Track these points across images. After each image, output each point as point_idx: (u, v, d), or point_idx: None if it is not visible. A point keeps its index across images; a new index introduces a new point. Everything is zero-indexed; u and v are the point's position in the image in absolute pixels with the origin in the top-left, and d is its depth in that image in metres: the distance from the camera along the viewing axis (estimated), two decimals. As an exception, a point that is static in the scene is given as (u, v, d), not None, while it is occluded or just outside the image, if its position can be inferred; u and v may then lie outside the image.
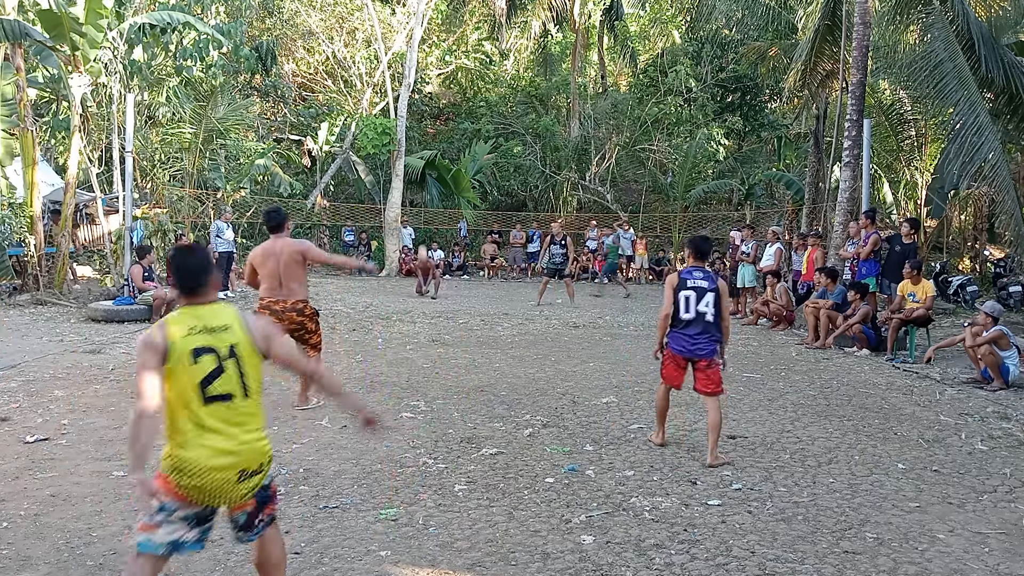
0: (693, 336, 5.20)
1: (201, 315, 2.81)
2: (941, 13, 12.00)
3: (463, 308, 13.55)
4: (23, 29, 12.19)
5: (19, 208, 12.83)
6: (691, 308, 5.19)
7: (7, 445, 5.15)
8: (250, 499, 2.84)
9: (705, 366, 5.22)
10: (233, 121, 18.08)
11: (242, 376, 2.80)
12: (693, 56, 25.67)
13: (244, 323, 2.87)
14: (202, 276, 2.86)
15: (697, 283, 5.23)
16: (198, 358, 2.72)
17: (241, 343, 2.82)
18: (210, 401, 2.73)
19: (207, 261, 2.93)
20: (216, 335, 2.78)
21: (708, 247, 5.60)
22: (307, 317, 6.19)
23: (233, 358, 2.79)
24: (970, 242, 19.91)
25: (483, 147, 24.94)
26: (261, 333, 2.91)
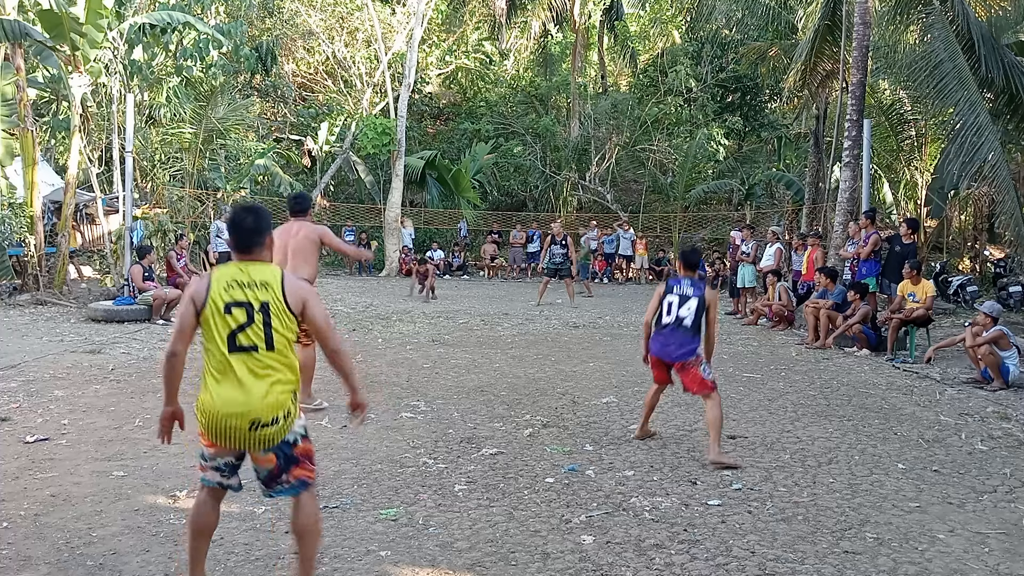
0: (666, 338, 5.34)
1: (245, 271, 2.98)
2: (941, 13, 12.00)
3: (463, 308, 13.55)
4: (23, 29, 12.19)
5: (19, 208, 12.82)
6: (672, 312, 5.34)
7: (7, 445, 5.15)
8: (269, 455, 2.95)
9: (680, 368, 5.33)
10: (233, 121, 18.09)
11: (268, 329, 2.92)
12: (693, 56, 25.68)
13: (282, 283, 2.98)
14: (256, 236, 3.02)
15: (683, 290, 5.38)
16: (230, 311, 2.91)
17: (273, 301, 2.94)
18: (235, 351, 2.90)
19: (264, 224, 3.06)
20: (252, 290, 2.93)
21: (697, 258, 5.74)
22: None
23: (263, 312, 2.92)
24: (970, 242, 19.90)
25: (483, 147, 24.96)
26: (297, 296, 2.99)
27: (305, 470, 3.06)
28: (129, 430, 5.56)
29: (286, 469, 3.00)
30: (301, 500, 3.06)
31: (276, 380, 2.93)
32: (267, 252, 3.07)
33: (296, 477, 3.02)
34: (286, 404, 2.95)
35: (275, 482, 3.02)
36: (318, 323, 3.05)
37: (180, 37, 16.14)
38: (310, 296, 3.04)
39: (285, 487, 3.03)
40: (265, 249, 3.05)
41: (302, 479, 3.04)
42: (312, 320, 3.03)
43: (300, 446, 3.04)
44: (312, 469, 3.11)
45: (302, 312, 3.00)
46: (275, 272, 3.02)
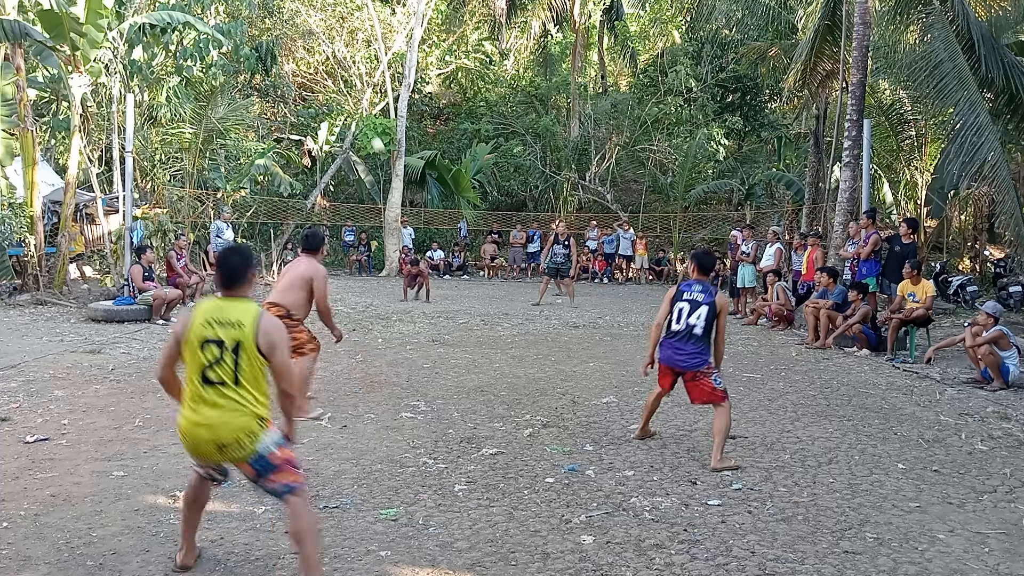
0: (676, 347, 5.21)
1: (224, 309, 3.26)
2: (941, 13, 12.00)
3: (463, 308, 13.55)
4: (23, 29, 12.19)
5: (19, 208, 12.82)
6: (682, 320, 5.20)
7: (7, 445, 5.15)
8: (245, 465, 3.23)
9: (690, 378, 5.21)
10: (233, 121, 18.08)
11: (236, 368, 3.19)
12: (693, 56, 25.67)
13: (256, 325, 3.22)
14: (239, 275, 3.33)
15: (694, 295, 5.24)
16: (204, 347, 3.19)
17: (246, 342, 3.20)
18: (206, 384, 3.19)
19: (247, 265, 3.37)
20: (227, 329, 3.20)
21: (712, 262, 5.61)
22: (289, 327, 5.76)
23: (234, 352, 3.19)
24: (970, 242, 19.90)
25: (483, 147, 24.96)
26: (267, 338, 3.23)
27: (288, 475, 3.25)
28: (129, 430, 5.57)
29: (264, 475, 3.24)
30: (291, 504, 3.24)
31: (241, 410, 3.19)
32: (248, 288, 3.36)
33: (279, 481, 3.24)
34: (249, 428, 3.19)
35: (259, 484, 3.29)
36: (278, 367, 3.29)
37: (180, 37, 16.13)
38: (279, 341, 3.27)
39: (270, 490, 3.28)
40: (247, 286, 3.35)
41: (286, 484, 3.24)
42: (275, 364, 3.27)
43: (276, 454, 3.24)
44: (296, 473, 3.29)
45: (269, 354, 3.24)
46: (252, 312, 3.26)
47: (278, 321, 3.37)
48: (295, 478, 3.27)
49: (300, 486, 3.28)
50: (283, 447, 3.29)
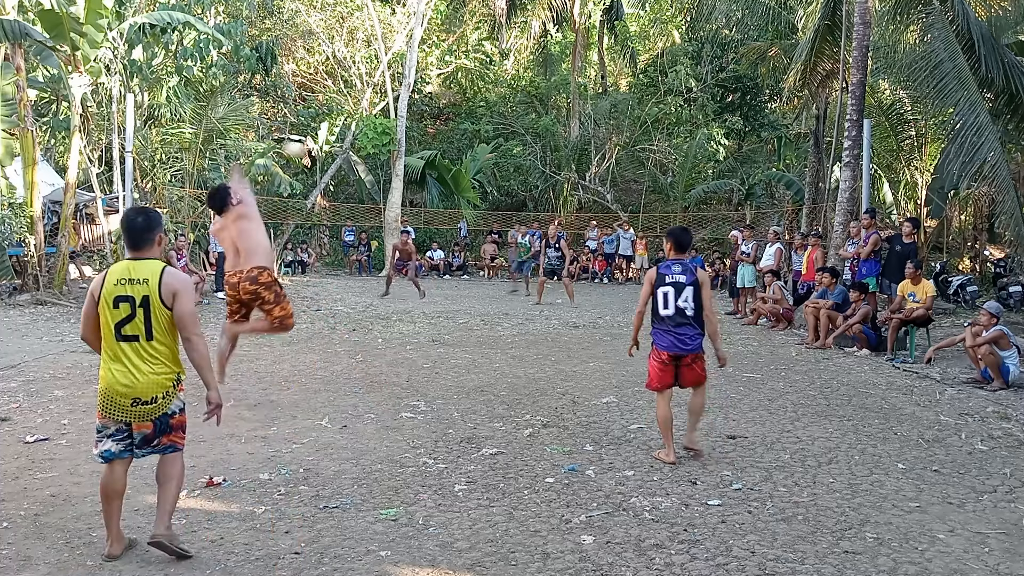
0: (677, 332, 5.10)
1: (132, 268, 3.48)
2: (941, 13, 12.00)
3: (463, 308, 13.55)
4: (23, 29, 12.18)
5: (19, 208, 12.82)
6: (670, 304, 5.11)
7: (7, 445, 5.15)
8: (147, 422, 3.48)
9: (689, 361, 5.13)
10: (233, 121, 18.06)
11: (148, 322, 3.43)
12: (693, 56, 25.67)
13: (160, 279, 3.45)
14: (145, 234, 3.54)
15: (675, 278, 5.15)
16: (118, 305, 3.43)
17: (152, 295, 3.44)
18: (121, 339, 3.44)
19: (153, 224, 3.57)
20: (134, 286, 3.44)
21: (689, 239, 5.50)
22: (261, 285, 5.88)
23: (143, 307, 3.43)
24: (970, 242, 19.90)
25: (484, 148, 24.97)
26: (169, 290, 3.46)
27: (176, 438, 3.60)
28: (129, 430, 5.56)
29: (159, 435, 3.53)
30: (168, 457, 3.58)
31: (157, 366, 3.46)
32: (156, 249, 3.57)
33: (168, 442, 3.56)
34: (165, 386, 3.49)
35: (147, 445, 3.53)
36: (179, 316, 3.49)
37: (180, 37, 16.12)
38: (181, 291, 3.49)
39: (155, 449, 3.55)
40: (153, 247, 3.56)
41: (172, 444, 3.58)
42: (177, 312, 3.48)
43: (177, 417, 3.58)
44: (182, 438, 3.64)
45: (171, 304, 3.46)
46: (156, 268, 3.49)
47: (182, 274, 3.58)
48: (180, 441, 3.61)
49: (181, 448, 3.63)
50: (182, 413, 3.62)
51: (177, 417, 3.57)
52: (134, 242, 3.54)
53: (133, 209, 3.67)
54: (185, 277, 3.58)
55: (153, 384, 3.45)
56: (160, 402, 3.48)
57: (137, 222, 3.55)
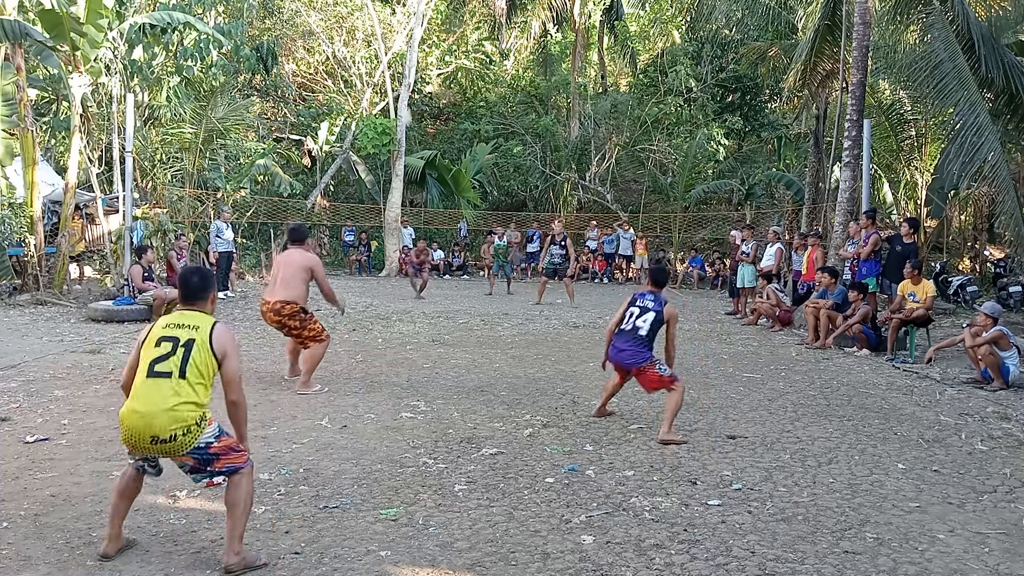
0: (621, 345, 5.79)
1: (184, 316, 3.57)
2: (941, 13, 12.00)
3: (463, 308, 13.55)
4: (23, 29, 12.19)
5: (19, 208, 12.82)
6: (630, 321, 5.80)
7: (7, 445, 5.15)
8: (186, 456, 3.41)
9: (637, 373, 5.75)
10: (233, 121, 18.05)
11: (185, 361, 3.41)
12: (693, 56, 25.67)
13: (212, 328, 3.51)
14: (200, 293, 3.66)
15: (645, 303, 5.83)
16: (160, 343, 3.45)
17: (199, 341, 3.45)
18: (152, 375, 3.40)
19: (207, 287, 3.68)
20: (183, 330, 3.48)
21: (664, 278, 6.21)
22: (285, 316, 6.74)
23: (185, 347, 3.43)
24: (970, 242, 19.91)
25: (484, 148, 24.97)
26: (220, 343, 3.50)
27: (229, 460, 3.47)
28: (129, 430, 5.56)
29: (208, 464, 3.44)
30: (233, 479, 3.48)
31: (179, 405, 3.36)
32: (210, 306, 3.67)
33: (221, 466, 3.46)
34: (186, 421, 3.37)
35: (199, 473, 3.48)
36: (227, 375, 3.54)
37: (180, 37, 16.12)
38: (231, 352, 3.53)
39: (214, 474, 3.47)
40: (208, 304, 3.66)
41: (228, 466, 3.47)
42: (224, 371, 3.52)
43: (216, 445, 3.45)
44: (238, 455, 3.51)
45: (223, 358, 3.49)
46: (208, 320, 3.56)
47: (232, 335, 3.60)
48: (237, 460, 3.48)
49: (244, 466, 3.49)
50: (222, 437, 3.48)
51: (216, 445, 3.45)
52: (189, 297, 3.64)
53: (190, 269, 3.79)
54: (234, 338, 3.60)
55: (171, 419, 3.34)
56: (180, 439, 3.36)
57: (193, 281, 3.67)
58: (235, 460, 3.49)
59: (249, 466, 3.54)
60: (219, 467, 3.45)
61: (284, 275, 6.79)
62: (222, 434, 3.50)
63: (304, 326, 6.79)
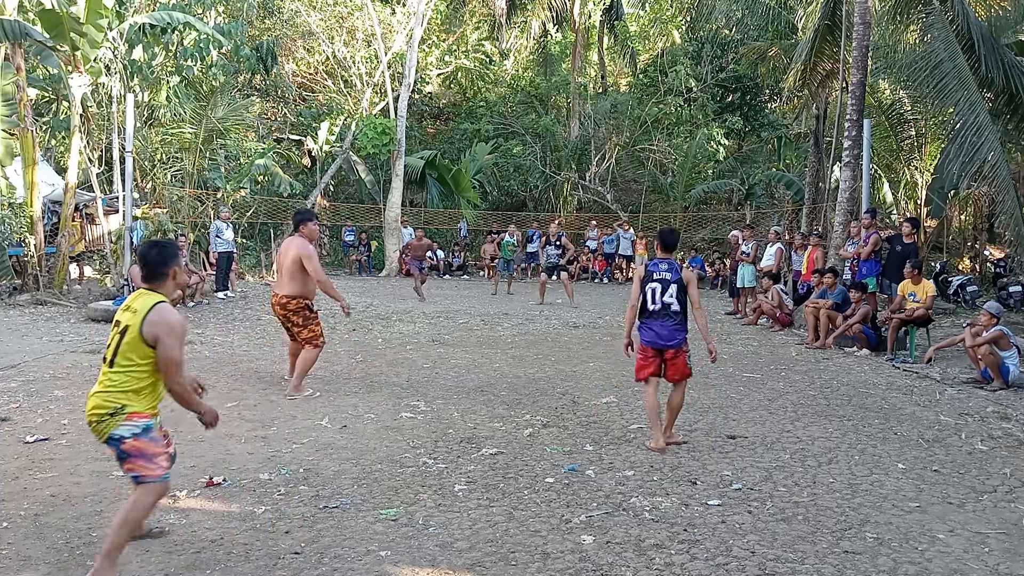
0: (659, 326, 5.37)
1: (136, 298, 3.46)
2: (941, 13, 12.00)
3: (463, 308, 13.55)
4: (23, 29, 12.18)
5: (19, 208, 12.81)
6: (657, 299, 5.38)
7: (7, 445, 5.15)
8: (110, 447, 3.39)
9: (673, 355, 5.37)
10: (233, 121, 18.04)
11: (116, 350, 3.37)
12: (693, 56, 25.66)
13: (146, 315, 3.36)
14: (159, 268, 3.50)
15: (662, 275, 5.42)
16: (114, 328, 3.45)
17: (132, 327, 3.36)
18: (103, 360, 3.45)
19: (165, 261, 3.51)
20: (127, 314, 3.41)
21: (675, 239, 5.75)
22: (290, 311, 6.73)
23: (120, 335, 3.38)
24: (970, 242, 19.90)
25: (484, 148, 24.97)
26: (151, 328, 3.35)
27: (134, 466, 3.36)
28: (129, 430, 5.56)
29: (121, 461, 3.40)
30: (135, 492, 3.37)
31: (106, 391, 3.36)
32: (169, 283, 3.52)
33: (131, 471, 3.38)
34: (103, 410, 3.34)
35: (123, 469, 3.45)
36: (160, 359, 3.38)
37: (180, 37, 16.12)
38: (163, 335, 3.35)
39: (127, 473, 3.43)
40: (168, 280, 3.51)
41: (135, 473, 3.37)
42: (157, 355, 3.37)
43: (128, 442, 3.35)
44: (143, 466, 3.35)
45: (155, 343, 3.35)
46: (149, 303, 3.39)
47: (172, 316, 3.41)
48: (144, 470, 3.35)
49: (148, 478, 3.34)
50: (139, 438, 3.35)
51: (130, 443, 3.33)
52: (147, 275, 3.51)
53: (150, 243, 3.64)
54: (175, 320, 3.40)
55: (95, 404, 3.37)
56: (96, 426, 3.36)
57: (151, 255, 3.51)
58: (143, 469, 3.34)
59: (159, 484, 3.37)
60: (129, 469, 3.36)
61: (286, 267, 6.76)
62: (143, 435, 3.36)
63: (305, 325, 6.75)
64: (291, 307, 6.70)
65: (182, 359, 3.42)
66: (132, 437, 3.34)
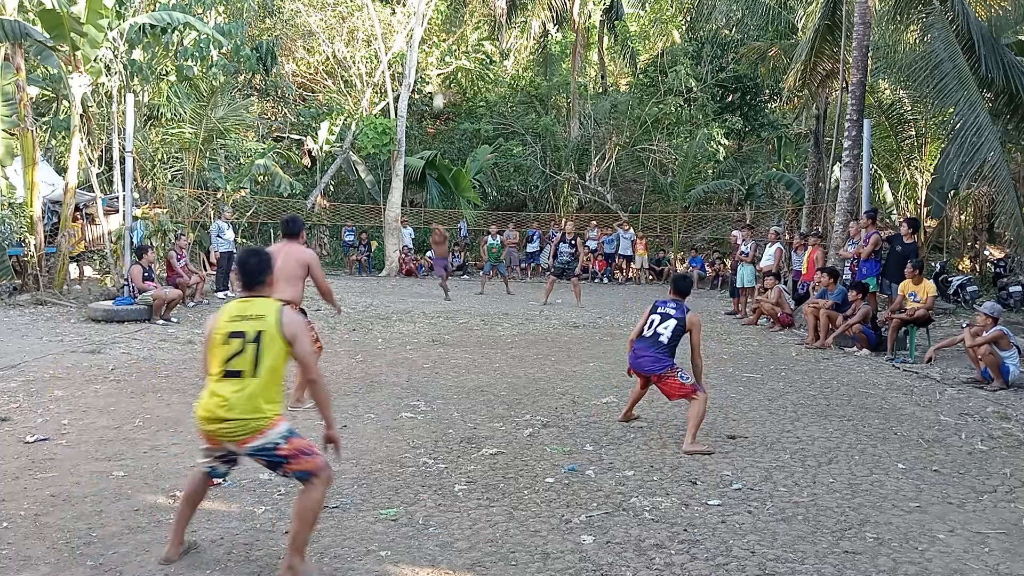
0: (642, 351, 5.74)
1: (247, 306, 3.44)
2: (941, 13, 12.00)
3: (463, 308, 13.55)
4: (23, 29, 12.18)
5: (19, 208, 12.81)
6: (651, 328, 5.77)
7: (7, 445, 5.15)
8: (256, 456, 3.38)
9: (657, 379, 5.68)
10: (233, 121, 18.04)
11: (257, 357, 3.34)
12: (693, 56, 25.67)
13: (279, 315, 3.40)
14: (256, 278, 3.53)
15: (666, 310, 5.81)
16: (228, 340, 3.36)
17: (268, 330, 3.35)
18: (227, 375, 3.34)
19: (267, 264, 3.56)
20: (250, 322, 3.38)
21: (687, 286, 6.10)
22: None
23: (255, 342, 3.34)
24: (970, 242, 19.91)
25: (485, 149, 25.00)
26: (289, 328, 3.40)
27: (299, 464, 3.36)
28: (129, 430, 5.56)
29: (279, 467, 3.38)
30: (306, 486, 3.39)
31: (254, 403, 3.32)
32: (268, 289, 3.55)
33: (291, 471, 3.38)
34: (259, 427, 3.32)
35: (276, 472, 3.45)
36: (300, 356, 3.45)
37: (180, 37, 16.12)
38: (300, 332, 3.43)
39: (289, 476, 3.43)
40: (267, 286, 3.55)
41: (300, 471, 3.37)
42: (297, 352, 3.43)
43: (284, 448, 3.35)
44: (309, 461, 3.37)
45: (292, 342, 3.39)
46: (275, 306, 3.44)
47: (297, 315, 3.51)
48: (308, 466, 3.36)
49: (316, 471, 3.37)
50: (291, 439, 3.37)
51: (284, 447, 3.35)
52: (248, 281, 3.53)
53: (247, 251, 3.65)
54: (300, 318, 3.49)
55: (245, 422, 3.31)
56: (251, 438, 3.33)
57: (251, 262, 3.55)
58: (305, 466, 3.37)
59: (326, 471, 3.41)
60: (291, 470, 3.36)
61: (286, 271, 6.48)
62: (292, 436, 3.39)
63: None
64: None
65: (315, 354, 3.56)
66: (285, 440, 3.37)
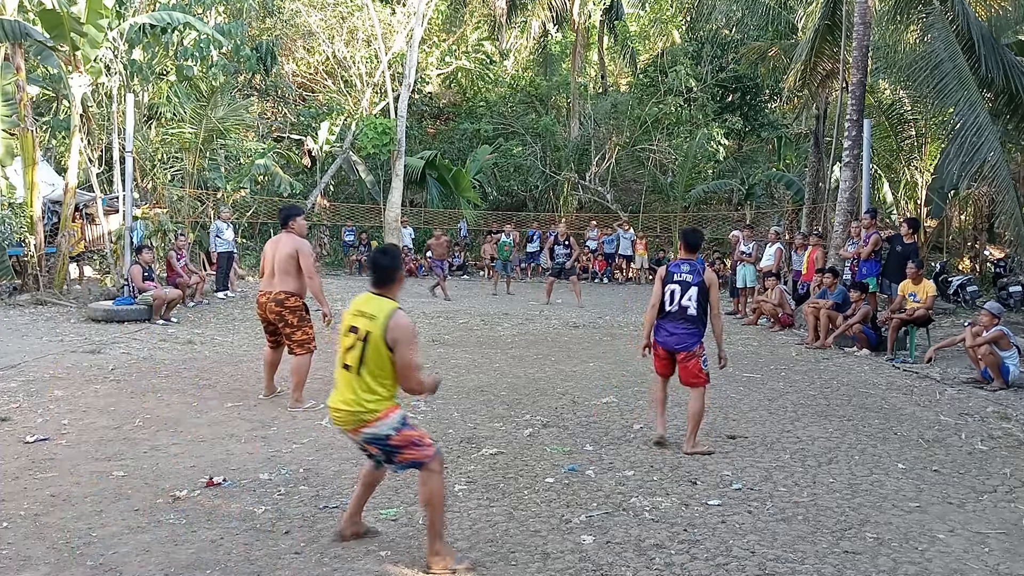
0: (672, 328, 5.36)
1: (369, 302, 3.58)
2: (941, 13, 12.00)
3: (463, 308, 13.55)
4: (23, 29, 12.18)
5: (19, 208, 12.81)
6: (675, 301, 5.34)
7: (7, 445, 5.15)
8: (371, 446, 3.56)
9: (684, 359, 5.34)
10: (233, 121, 18.03)
11: (363, 357, 3.48)
12: (693, 56, 25.66)
13: (387, 320, 3.47)
14: (386, 276, 3.64)
15: (683, 276, 5.36)
16: (347, 334, 3.55)
17: (375, 333, 3.46)
18: (344, 367, 3.55)
19: (395, 267, 3.68)
20: (364, 319, 3.51)
21: (698, 239, 5.61)
22: (287, 309, 6.39)
23: (364, 342, 3.48)
24: (970, 242, 19.91)
25: (485, 149, 25.00)
26: (393, 334, 3.47)
27: (410, 453, 3.53)
28: (129, 430, 5.56)
29: (392, 456, 3.55)
30: (420, 477, 3.55)
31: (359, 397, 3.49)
32: (397, 287, 3.67)
33: (405, 460, 3.55)
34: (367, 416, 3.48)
35: (390, 463, 3.61)
36: (398, 363, 3.50)
37: (180, 37, 16.12)
38: (402, 340, 3.48)
39: (401, 466, 3.60)
40: (397, 284, 3.67)
41: (411, 461, 3.54)
42: (395, 359, 3.49)
43: (395, 438, 3.51)
44: (420, 451, 3.52)
45: (394, 347, 3.47)
46: (389, 307, 3.52)
47: (407, 322, 3.53)
48: (419, 453, 3.51)
49: (427, 460, 3.51)
50: (401, 430, 3.51)
51: (396, 437, 3.51)
52: (377, 279, 3.65)
53: (380, 250, 3.79)
54: (410, 326, 3.53)
55: (352, 413, 3.50)
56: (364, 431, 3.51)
57: (383, 262, 3.68)
58: (416, 455, 3.51)
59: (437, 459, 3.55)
60: (403, 459, 3.53)
61: (279, 264, 6.36)
62: (404, 427, 3.53)
63: (299, 326, 6.43)
64: (289, 304, 6.34)
65: (418, 362, 3.57)
66: (396, 432, 3.51)
